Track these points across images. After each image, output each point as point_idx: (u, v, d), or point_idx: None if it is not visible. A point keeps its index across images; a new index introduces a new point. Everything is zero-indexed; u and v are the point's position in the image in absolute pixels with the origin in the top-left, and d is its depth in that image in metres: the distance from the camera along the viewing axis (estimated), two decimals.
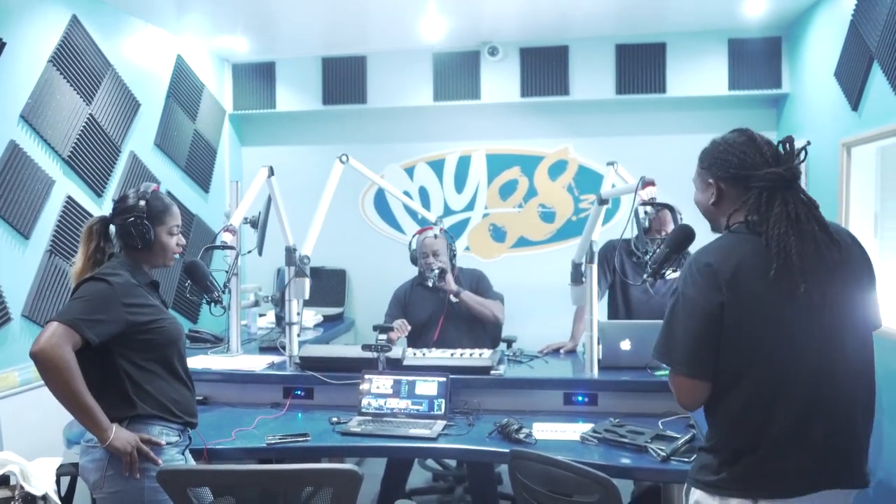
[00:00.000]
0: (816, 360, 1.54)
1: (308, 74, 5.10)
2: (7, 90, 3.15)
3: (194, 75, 4.71)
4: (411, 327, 3.42)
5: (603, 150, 4.81)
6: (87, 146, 3.60)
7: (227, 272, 2.93)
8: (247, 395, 2.96)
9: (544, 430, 2.50)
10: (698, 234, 2.27)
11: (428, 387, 2.71)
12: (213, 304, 2.64)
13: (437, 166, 5.23)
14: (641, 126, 4.93)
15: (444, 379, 2.71)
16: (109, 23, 3.84)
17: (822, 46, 3.94)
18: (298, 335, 3.13)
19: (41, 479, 2.51)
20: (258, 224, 3.25)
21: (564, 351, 3.37)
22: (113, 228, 2.09)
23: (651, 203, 2.60)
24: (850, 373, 1.57)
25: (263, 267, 4.77)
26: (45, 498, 2.50)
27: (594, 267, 2.93)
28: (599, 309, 3.05)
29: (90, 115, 3.62)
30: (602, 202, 2.86)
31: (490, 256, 5.17)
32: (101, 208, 3.66)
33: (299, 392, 2.93)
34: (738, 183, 1.64)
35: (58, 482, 2.61)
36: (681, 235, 2.27)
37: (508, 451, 2.16)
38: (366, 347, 2.86)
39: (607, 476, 1.86)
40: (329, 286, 5.17)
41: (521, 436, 2.40)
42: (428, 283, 3.41)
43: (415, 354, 3.01)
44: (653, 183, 2.60)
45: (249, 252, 3.34)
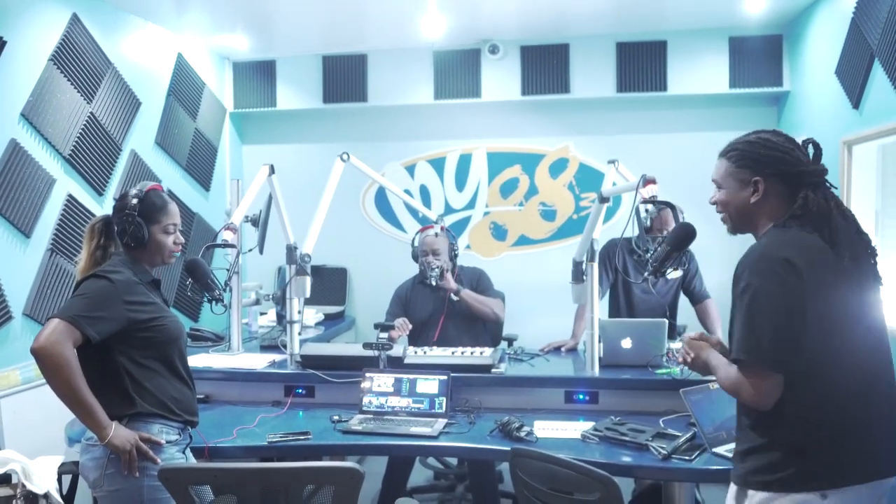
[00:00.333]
0: (873, 350, 1.62)
1: (308, 73, 5.10)
2: (8, 89, 3.15)
3: (195, 74, 4.71)
4: (412, 325, 3.42)
5: (604, 148, 4.81)
6: (88, 145, 3.60)
7: (228, 270, 2.92)
8: (248, 393, 2.96)
9: (545, 429, 2.50)
10: (698, 235, 2.27)
11: (429, 385, 2.71)
12: (214, 303, 2.64)
13: (438, 164, 5.23)
14: (642, 124, 4.92)
15: (445, 377, 2.71)
16: (110, 21, 3.85)
17: (823, 44, 3.94)
18: (299, 333, 3.13)
19: (43, 477, 2.51)
20: (259, 222, 3.25)
21: (565, 349, 3.37)
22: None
23: (652, 201, 2.60)
24: (889, 362, 1.65)
25: (264, 265, 4.78)
26: (46, 496, 2.50)
27: (595, 265, 2.93)
28: (601, 307, 3.05)
29: (91, 113, 3.62)
30: (603, 200, 2.86)
31: (491, 255, 5.17)
32: (102, 207, 3.67)
33: (300, 390, 2.93)
34: (786, 180, 1.67)
35: (59, 480, 2.62)
36: (682, 234, 2.27)
37: (509, 449, 2.16)
38: (367, 346, 2.86)
39: (608, 474, 1.86)
40: (330, 284, 5.17)
41: (522, 434, 2.40)
42: (428, 282, 3.41)
43: (416, 353, 3.01)
44: (654, 181, 2.60)
45: (250, 250, 3.34)
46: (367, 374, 2.77)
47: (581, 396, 2.80)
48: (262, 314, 4.31)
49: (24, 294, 3.20)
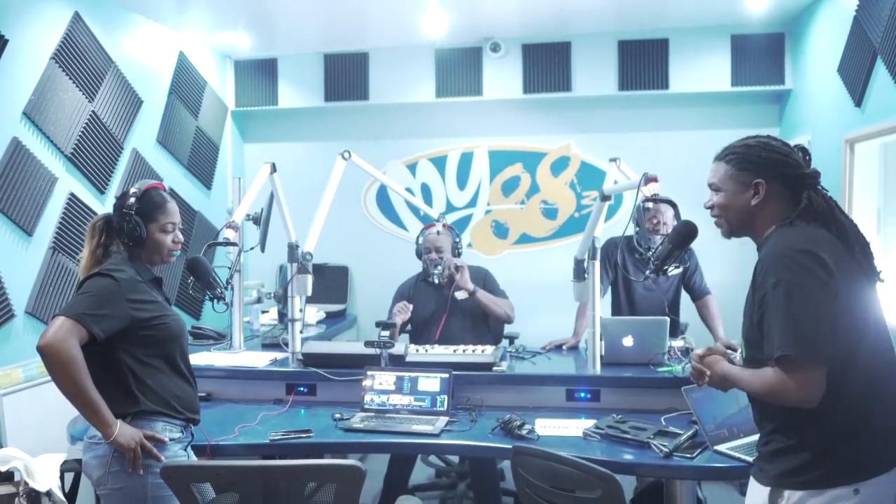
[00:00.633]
0: (884, 342, 1.64)
1: (310, 71, 5.10)
2: (9, 87, 3.15)
3: (196, 72, 4.71)
4: (414, 323, 3.41)
5: (605, 147, 4.80)
6: (90, 143, 3.60)
7: (230, 269, 2.93)
8: (249, 391, 2.97)
9: (547, 427, 2.50)
10: (699, 235, 2.27)
11: (430, 383, 2.71)
12: (216, 301, 2.65)
13: (440, 163, 5.23)
14: (644, 122, 4.92)
15: (447, 375, 2.71)
16: (111, 19, 3.85)
17: (825, 42, 3.93)
18: (301, 332, 3.13)
19: (45, 475, 2.52)
20: (260, 221, 3.25)
21: (567, 347, 3.37)
22: None
23: (654, 199, 2.60)
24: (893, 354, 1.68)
25: (266, 263, 4.78)
26: (49, 494, 2.51)
27: (596, 263, 2.93)
28: (602, 305, 3.05)
29: (92, 111, 3.63)
30: (604, 198, 2.86)
31: (492, 253, 5.17)
32: (104, 205, 3.67)
33: (302, 388, 2.94)
34: (787, 182, 1.70)
35: (62, 478, 2.62)
36: (683, 231, 2.27)
37: (511, 447, 2.16)
38: (368, 344, 2.86)
39: (610, 472, 1.87)
40: (331, 283, 5.17)
41: (524, 432, 2.40)
42: (431, 280, 3.41)
43: (417, 351, 3.01)
44: (655, 179, 2.60)
45: (252, 249, 3.34)
46: (369, 373, 2.77)
47: (583, 394, 2.80)
48: (263, 312, 4.32)
49: (27, 292, 3.21)
